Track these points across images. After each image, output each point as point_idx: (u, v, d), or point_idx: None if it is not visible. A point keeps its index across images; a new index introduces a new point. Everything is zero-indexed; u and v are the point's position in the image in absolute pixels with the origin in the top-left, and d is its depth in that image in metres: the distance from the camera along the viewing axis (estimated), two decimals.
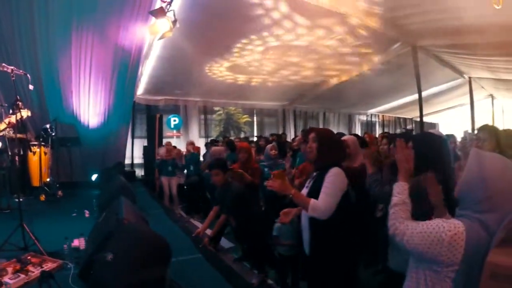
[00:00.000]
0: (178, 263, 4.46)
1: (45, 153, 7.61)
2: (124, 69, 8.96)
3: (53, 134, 7.68)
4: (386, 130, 19.89)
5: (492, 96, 15.59)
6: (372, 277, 3.76)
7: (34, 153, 7.36)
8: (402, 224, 1.54)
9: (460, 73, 12.12)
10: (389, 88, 13.19)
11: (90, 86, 8.85)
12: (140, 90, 11.27)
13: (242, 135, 14.39)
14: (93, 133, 9.41)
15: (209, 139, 13.24)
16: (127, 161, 11.44)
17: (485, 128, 2.91)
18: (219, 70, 10.63)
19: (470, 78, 12.58)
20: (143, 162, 11.40)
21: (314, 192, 2.33)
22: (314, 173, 2.48)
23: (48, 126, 7.63)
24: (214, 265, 4.57)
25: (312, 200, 2.26)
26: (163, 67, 9.78)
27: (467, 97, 13.05)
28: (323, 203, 2.23)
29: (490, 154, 1.52)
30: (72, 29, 7.66)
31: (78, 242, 4.17)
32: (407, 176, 1.70)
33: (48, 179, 7.62)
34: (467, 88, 12.94)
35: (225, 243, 5.45)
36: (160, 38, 7.08)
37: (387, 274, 3.57)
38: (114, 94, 9.32)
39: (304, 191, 2.47)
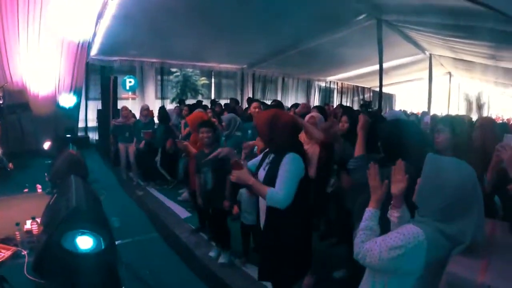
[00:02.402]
0: (134, 244, 4.44)
1: None
2: (76, 28, 8.41)
3: (1, 102, 7.15)
4: (343, 98, 20.33)
5: (450, 73, 16.42)
6: (328, 250, 3.93)
7: None
8: (362, 248, 1.54)
9: (422, 49, 12.48)
10: (350, 57, 13.32)
11: (39, 48, 8.24)
12: (94, 50, 10.63)
13: (200, 98, 14.08)
14: (44, 97, 8.89)
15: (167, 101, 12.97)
16: (81, 124, 10.99)
17: (442, 119, 3.00)
18: None
19: (431, 54, 13.05)
20: (97, 125, 10.90)
21: (271, 177, 2.23)
22: (272, 155, 2.37)
23: None
24: (171, 244, 4.57)
25: (270, 190, 2.16)
26: (118, 27, 9.13)
27: (426, 72, 13.54)
28: (281, 193, 2.13)
29: (448, 160, 1.53)
30: None
31: (31, 225, 4.04)
32: (379, 203, 1.69)
33: None
34: (427, 64, 13.42)
35: (182, 212, 5.50)
36: None
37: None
38: (66, 55, 8.80)
39: (262, 173, 2.37)
